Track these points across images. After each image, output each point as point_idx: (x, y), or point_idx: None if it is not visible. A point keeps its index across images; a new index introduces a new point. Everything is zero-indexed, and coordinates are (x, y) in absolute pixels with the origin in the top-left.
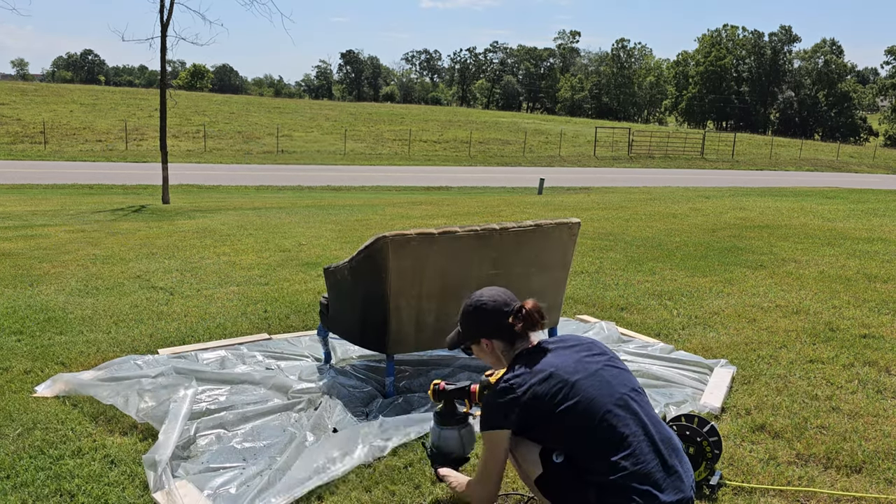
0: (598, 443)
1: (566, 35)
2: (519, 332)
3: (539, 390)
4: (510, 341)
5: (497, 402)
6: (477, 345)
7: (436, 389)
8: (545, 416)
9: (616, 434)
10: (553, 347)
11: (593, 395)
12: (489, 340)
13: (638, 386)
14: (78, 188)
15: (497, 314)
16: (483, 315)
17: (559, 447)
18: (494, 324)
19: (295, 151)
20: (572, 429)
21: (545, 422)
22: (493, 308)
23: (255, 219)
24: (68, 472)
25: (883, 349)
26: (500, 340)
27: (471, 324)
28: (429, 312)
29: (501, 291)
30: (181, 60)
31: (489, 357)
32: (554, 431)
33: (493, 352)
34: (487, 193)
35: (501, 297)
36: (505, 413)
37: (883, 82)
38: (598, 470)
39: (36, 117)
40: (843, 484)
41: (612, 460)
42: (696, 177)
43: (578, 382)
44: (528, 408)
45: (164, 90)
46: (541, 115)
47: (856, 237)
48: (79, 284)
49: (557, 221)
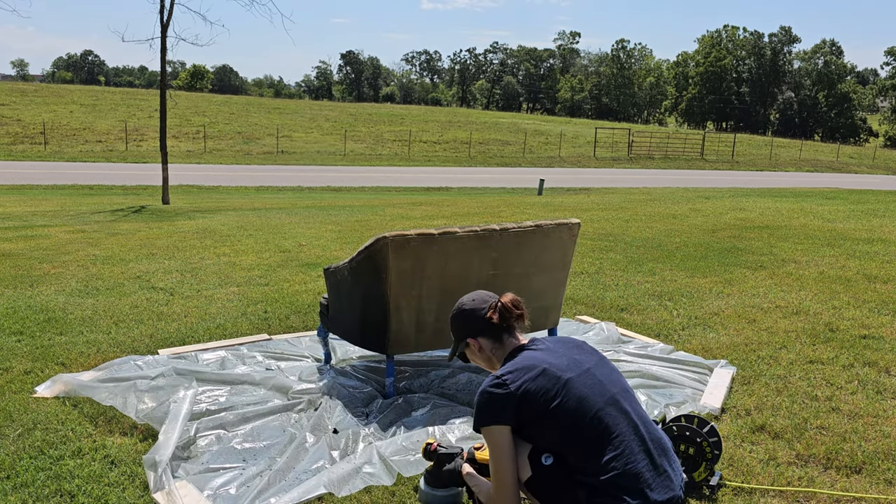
0: (589, 441)
1: (566, 36)
2: (501, 327)
3: (531, 387)
4: (496, 338)
5: (491, 397)
6: (467, 348)
7: (427, 449)
8: (538, 413)
9: (607, 433)
10: (545, 346)
11: (585, 393)
12: (475, 339)
13: (628, 386)
14: (78, 189)
15: (476, 311)
16: (464, 316)
17: (550, 446)
18: (475, 321)
19: (295, 152)
20: (564, 427)
21: (539, 418)
22: (472, 307)
23: (255, 219)
24: (68, 472)
25: (883, 350)
26: (485, 338)
27: (456, 327)
28: (429, 313)
29: (484, 293)
30: (181, 61)
31: (479, 358)
32: (546, 429)
33: (483, 351)
34: (487, 194)
35: (481, 296)
36: (501, 407)
37: (883, 83)
38: (589, 470)
39: (36, 118)
40: (842, 484)
41: (604, 460)
42: (695, 177)
43: (571, 380)
44: (522, 403)
45: (164, 91)
46: (541, 116)
47: (856, 238)
48: (79, 285)
49: (557, 222)
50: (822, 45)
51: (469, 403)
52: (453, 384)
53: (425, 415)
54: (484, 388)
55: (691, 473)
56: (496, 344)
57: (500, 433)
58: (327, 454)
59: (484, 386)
